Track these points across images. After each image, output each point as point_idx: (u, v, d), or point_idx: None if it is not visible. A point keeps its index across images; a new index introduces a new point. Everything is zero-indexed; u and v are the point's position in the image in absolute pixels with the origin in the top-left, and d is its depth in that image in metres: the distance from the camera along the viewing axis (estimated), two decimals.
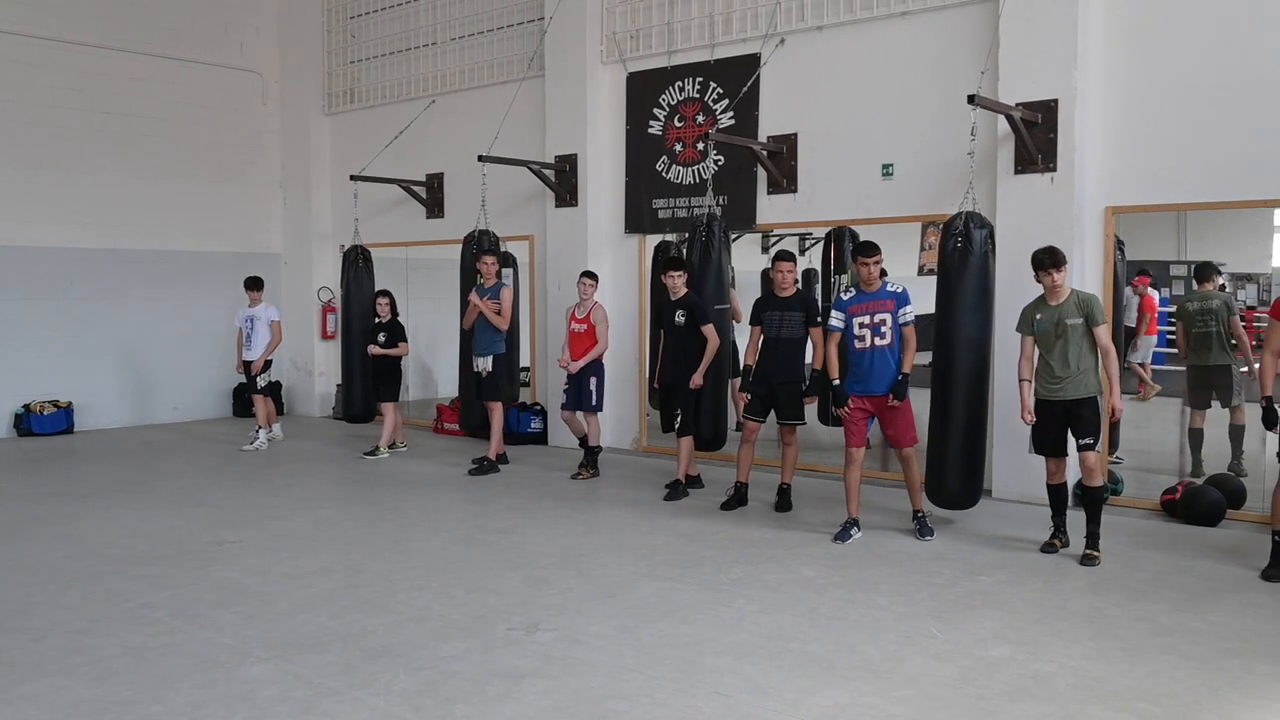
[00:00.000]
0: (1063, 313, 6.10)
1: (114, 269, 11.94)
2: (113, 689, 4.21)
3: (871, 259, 6.59)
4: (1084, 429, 6.11)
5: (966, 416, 6.83)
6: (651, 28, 9.84)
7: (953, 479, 6.86)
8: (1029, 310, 6.32)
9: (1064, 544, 6.28)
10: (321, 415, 13.01)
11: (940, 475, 6.88)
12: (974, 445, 6.88)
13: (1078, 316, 6.06)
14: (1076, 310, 6.08)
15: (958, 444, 6.82)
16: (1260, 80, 6.84)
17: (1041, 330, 6.18)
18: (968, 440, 6.84)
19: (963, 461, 6.85)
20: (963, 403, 6.81)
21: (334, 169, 12.94)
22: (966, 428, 6.83)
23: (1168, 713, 3.94)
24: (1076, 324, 6.06)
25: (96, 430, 11.72)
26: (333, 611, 5.17)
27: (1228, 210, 7.33)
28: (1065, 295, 6.14)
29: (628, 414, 10.14)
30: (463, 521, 7.19)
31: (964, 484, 6.88)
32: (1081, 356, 6.06)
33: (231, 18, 12.89)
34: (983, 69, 7.52)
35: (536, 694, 4.12)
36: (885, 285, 6.66)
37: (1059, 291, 6.14)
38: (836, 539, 6.53)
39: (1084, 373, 6.08)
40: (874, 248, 6.66)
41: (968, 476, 6.88)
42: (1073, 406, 6.11)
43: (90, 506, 7.73)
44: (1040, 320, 6.19)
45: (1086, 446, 6.09)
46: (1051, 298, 6.18)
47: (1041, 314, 6.20)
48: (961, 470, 6.86)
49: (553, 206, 10.39)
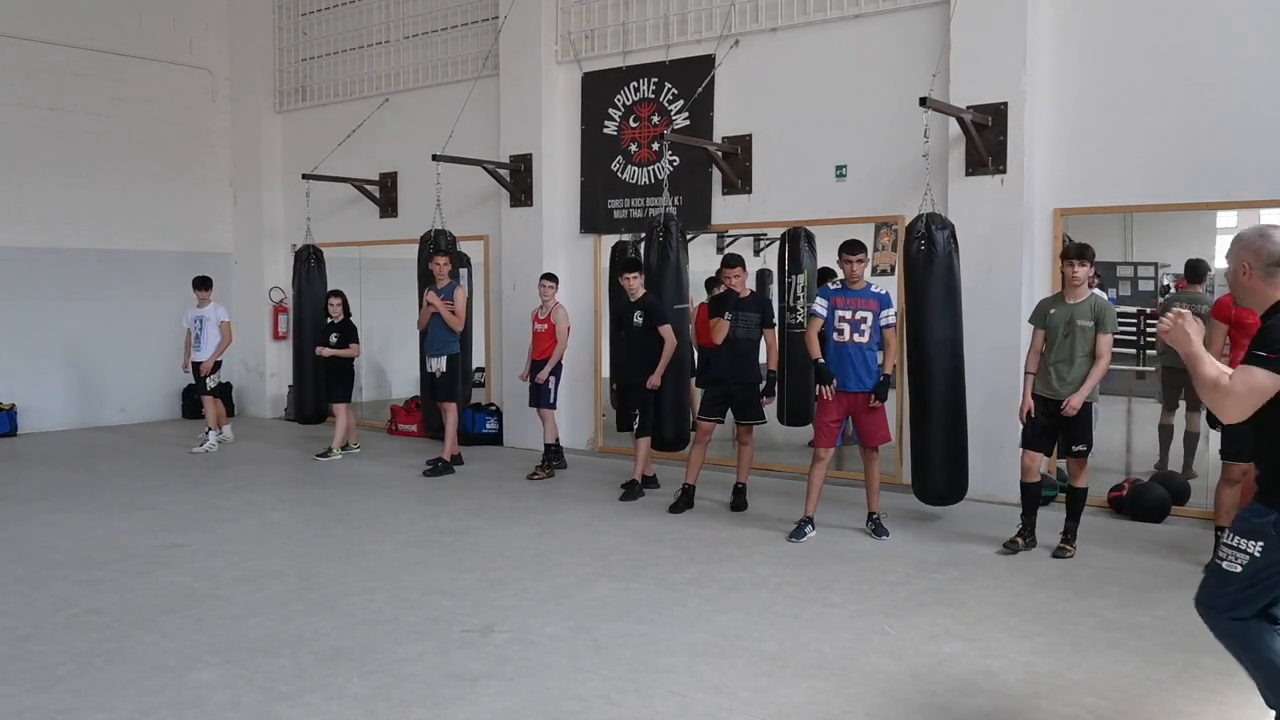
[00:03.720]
0: (1077, 312, 6.11)
1: (58, 269, 11.68)
2: (57, 696, 4.13)
3: (855, 257, 6.60)
4: (1078, 434, 6.16)
5: (946, 415, 6.86)
6: (606, 28, 9.83)
7: (938, 475, 6.90)
8: (1044, 304, 6.35)
9: (1028, 544, 6.27)
10: (273, 417, 12.84)
11: (925, 473, 6.93)
12: (956, 442, 6.90)
13: (1089, 320, 6.08)
14: (1090, 313, 6.09)
15: (941, 441, 6.85)
16: (1204, 85, 6.99)
17: (1051, 325, 6.19)
18: (951, 437, 6.88)
19: (948, 458, 6.89)
20: (941, 403, 6.85)
21: (285, 167, 12.78)
22: (947, 426, 6.87)
23: (1114, 706, 4.02)
24: (1087, 326, 6.07)
25: (41, 433, 11.46)
26: (284, 615, 5.11)
27: (1172, 213, 7.47)
28: (1084, 296, 6.14)
29: (584, 414, 10.13)
30: (417, 523, 7.14)
31: (949, 480, 6.92)
32: (1083, 359, 6.09)
33: (179, 13, 12.67)
34: (934, 72, 7.61)
35: (491, 696, 4.10)
36: (870, 286, 6.70)
37: (1078, 290, 6.14)
38: (791, 537, 6.57)
39: (1081, 376, 6.09)
40: (859, 245, 6.68)
41: (953, 472, 6.92)
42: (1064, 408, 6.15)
43: (34, 510, 7.56)
44: (1053, 315, 6.20)
45: (1080, 453, 6.17)
46: (1070, 295, 6.18)
47: (1056, 309, 6.21)
48: (946, 466, 6.89)
49: (508, 206, 10.35)
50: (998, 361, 7.40)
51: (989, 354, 7.39)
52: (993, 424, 7.29)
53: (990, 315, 7.43)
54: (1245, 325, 5.75)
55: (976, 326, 7.33)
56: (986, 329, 7.41)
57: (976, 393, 7.20)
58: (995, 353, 7.40)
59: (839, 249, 6.72)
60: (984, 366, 7.37)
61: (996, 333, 7.43)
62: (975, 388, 7.21)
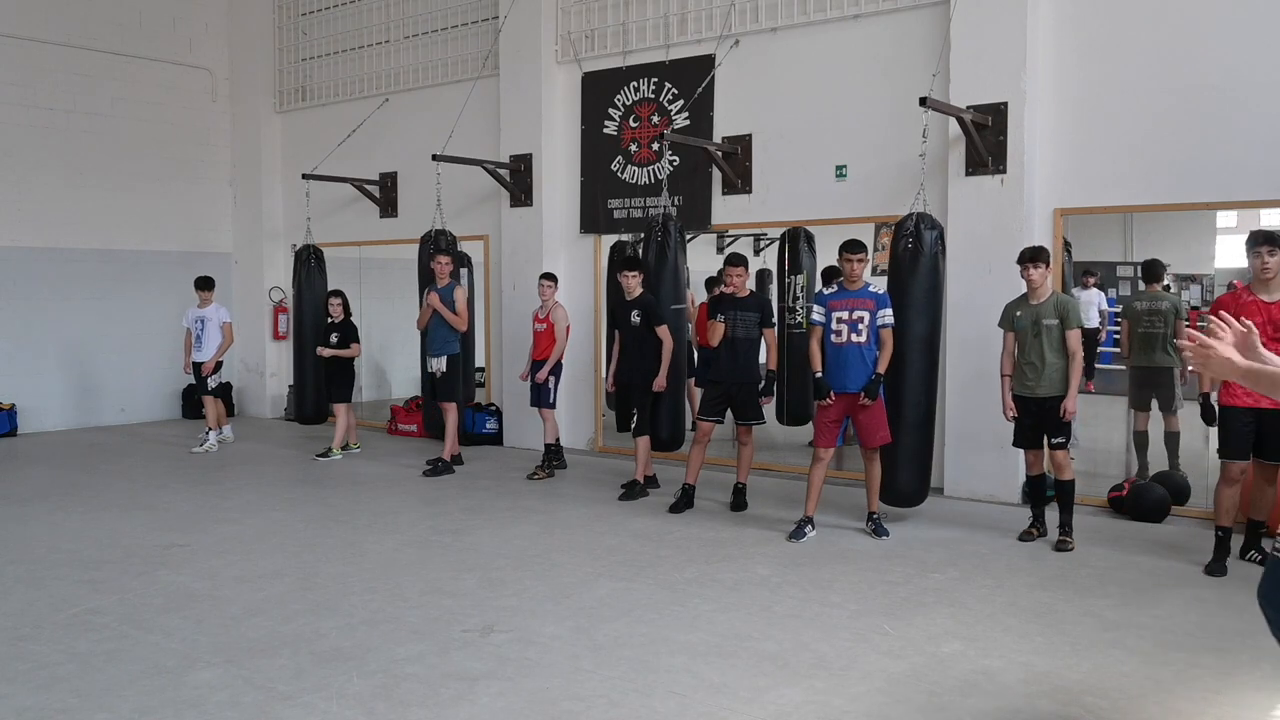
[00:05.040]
0: (1041, 312, 6.31)
1: (58, 269, 11.69)
2: (57, 696, 4.13)
3: (855, 256, 6.63)
4: (1055, 428, 6.33)
5: (915, 414, 6.90)
6: (606, 28, 9.83)
7: (904, 476, 6.93)
8: (1010, 307, 6.52)
9: (1041, 533, 6.51)
10: (273, 417, 12.84)
11: (892, 473, 6.94)
12: (924, 442, 6.96)
13: (1054, 318, 6.26)
14: (1054, 311, 6.27)
15: (909, 441, 6.89)
16: (1204, 85, 6.99)
17: (1020, 327, 6.39)
18: (919, 437, 6.92)
19: (914, 458, 6.93)
20: (913, 402, 6.89)
21: (285, 167, 12.78)
22: (916, 424, 6.91)
23: (1114, 706, 4.01)
24: (1052, 325, 6.26)
25: (41, 433, 11.46)
26: (284, 615, 5.11)
27: (1173, 212, 7.48)
28: (1046, 295, 6.34)
29: (584, 414, 10.13)
30: (417, 523, 7.14)
31: (915, 481, 6.97)
32: (1054, 357, 6.25)
33: (180, 13, 12.67)
34: (934, 72, 7.61)
35: (491, 696, 4.10)
36: (868, 286, 6.72)
37: (1039, 291, 6.34)
38: (791, 537, 6.57)
39: (1055, 373, 6.27)
40: (859, 245, 6.71)
41: (918, 473, 6.97)
42: (1044, 404, 6.33)
43: (34, 510, 7.57)
44: (1019, 317, 6.41)
45: (1058, 445, 6.34)
46: (1032, 296, 6.38)
47: (1021, 311, 6.41)
48: (912, 467, 6.94)
49: (508, 206, 10.35)
50: (994, 360, 7.37)
51: (985, 354, 7.37)
52: (992, 424, 7.28)
53: (990, 315, 7.39)
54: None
55: (975, 327, 7.33)
56: (985, 329, 7.39)
57: (964, 392, 7.22)
58: (992, 353, 7.36)
59: (840, 247, 6.73)
60: (980, 366, 7.37)
61: (995, 333, 7.41)
62: (975, 388, 7.22)
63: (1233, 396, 5.79)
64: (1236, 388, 5.77)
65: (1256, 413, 5.72)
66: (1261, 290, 5.75)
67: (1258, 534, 5.99)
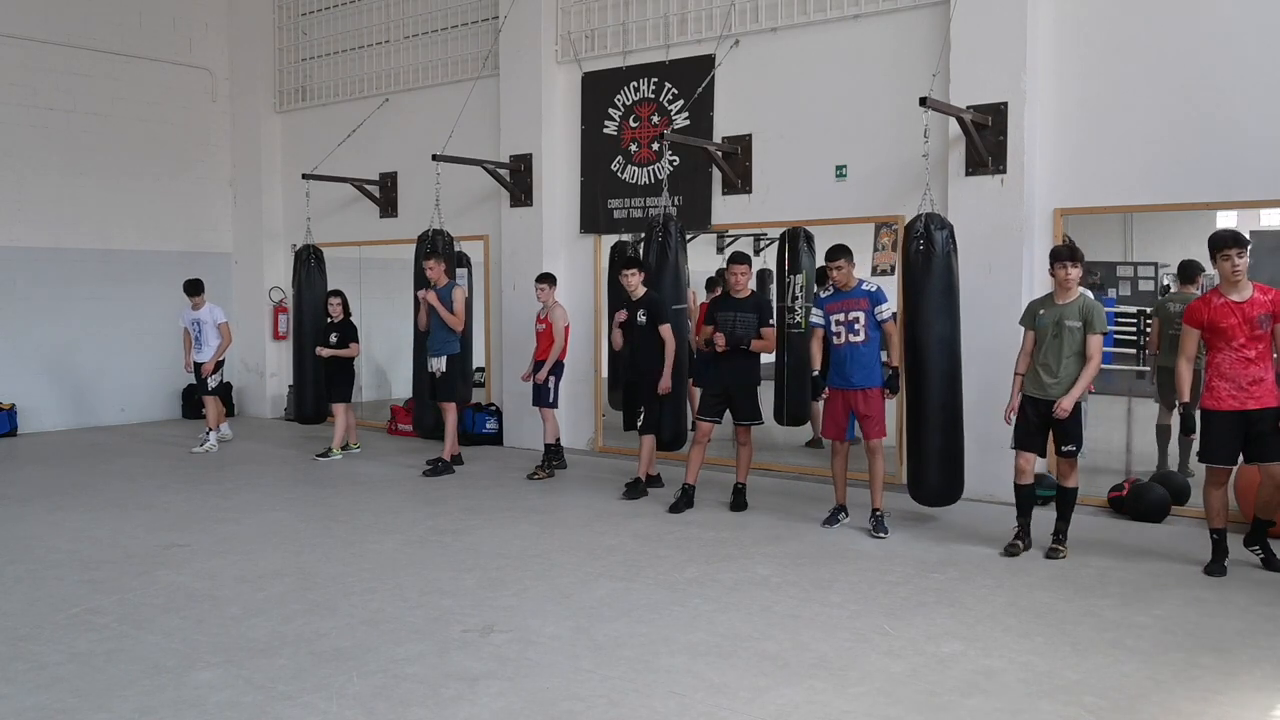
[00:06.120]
0: (1065, 313, 6.11)
1: (58, 269, 11.69)
2: (57, 696, 4.13)
3: (834, 264, 6.73)
4: (1067, 435, 6.16)
5: (943, 415, 6.85)
6: (606, 28, 9.83)
7: (934, 476, 6.90)
8: (1034, 305, 6.36)
9: (1026, 546, 6.26)
10: (273, 416, 12.84)
11: (921, 472, 6.93)
12: (949, 442, 6.90)
13: (1078, 320, 6.08)
14: (1079, 314, 6.09)
15: (937, 441, 6.85)
16: (1205, 85, 6.99)
17: (1040, 326, 6.21)
18: (947, 437, 6.87)
19: (942, 458, 6.88)
20: (939, 404, 6.84)
21: (285, 167, 12.78)
22: (943, 426, 6.86)
23: (1114, 706, 4.01)
24: (1075, 327, 6.07)
25: (41, 433, 11.46)
26: (284, 615, 5.11)
27: (1172, 213, 7.47)
28: (1073, 297, 6.14)
29: (584, 414, 10.13)
30: (417, 523, 7.14)
31: (945, 480, 6.92)
32: (1072, 360, 6.09)
33: (180, 13, 12.67)
34: (934, 72, 7.61)
35: (491, 696, 4.10)
36: (860, 284, 6.76)
37: (1068, 291, 6.14)
38: (825, 524, 6.80)
39: (1071, 376, 6.09)
40: (838, 252, 6.77)
41: (950, 473, 6.91)
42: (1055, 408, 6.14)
43: (33, 510, 7.56)
44: (1042, 316, 6.21)
45: (1069, 454, 6.17)
46: (1060, 296, 6.18)
47: (1045, 310, 6.22)
48: (943, 466, 6.89)
49: (508, 206, 10.35)
50: (997, 362, 7.38)
51: (989, 354, 7.37)
52: (992, 424, 7.27)
53: (990, 315, 7.42)
54: (1220, 329, 5.73)
55: (976, 327, 7.33)
56: (986, 329, 7.40)
57: (976, 393, 7.20)
58: (995, 353, 7.39)
59: (825, 255, 6.86)
60: (984, 367, 7.36)
61: (996, 333, 7.42)
62: (975, 388, 7.21)
63: (1217, 400, 5.75)
64: (1221, 392, 5.75)
65: (1243, 415, 5.68)
66: (1231, 291, 5.70)
67: (1264, 531, 5.97)
